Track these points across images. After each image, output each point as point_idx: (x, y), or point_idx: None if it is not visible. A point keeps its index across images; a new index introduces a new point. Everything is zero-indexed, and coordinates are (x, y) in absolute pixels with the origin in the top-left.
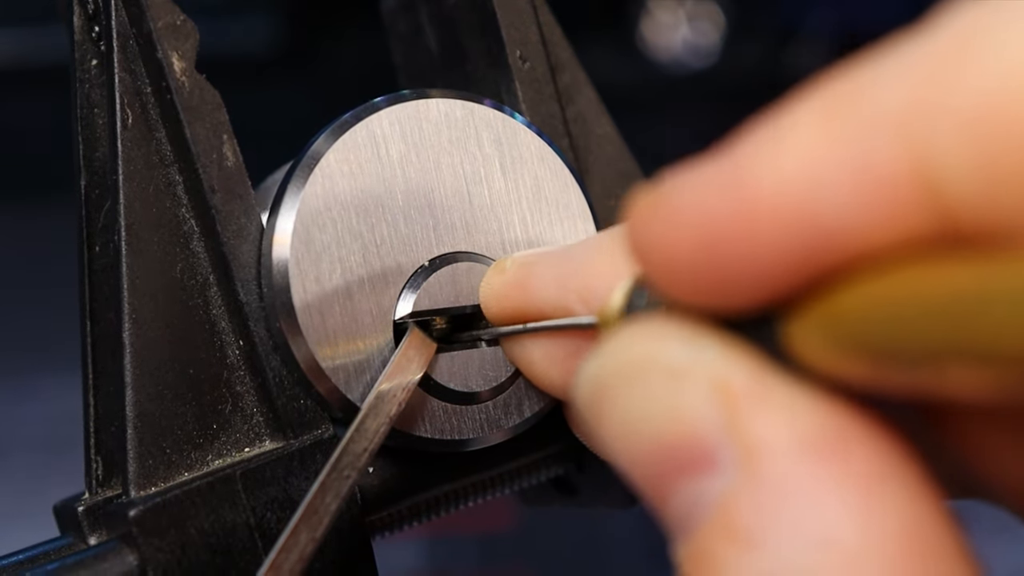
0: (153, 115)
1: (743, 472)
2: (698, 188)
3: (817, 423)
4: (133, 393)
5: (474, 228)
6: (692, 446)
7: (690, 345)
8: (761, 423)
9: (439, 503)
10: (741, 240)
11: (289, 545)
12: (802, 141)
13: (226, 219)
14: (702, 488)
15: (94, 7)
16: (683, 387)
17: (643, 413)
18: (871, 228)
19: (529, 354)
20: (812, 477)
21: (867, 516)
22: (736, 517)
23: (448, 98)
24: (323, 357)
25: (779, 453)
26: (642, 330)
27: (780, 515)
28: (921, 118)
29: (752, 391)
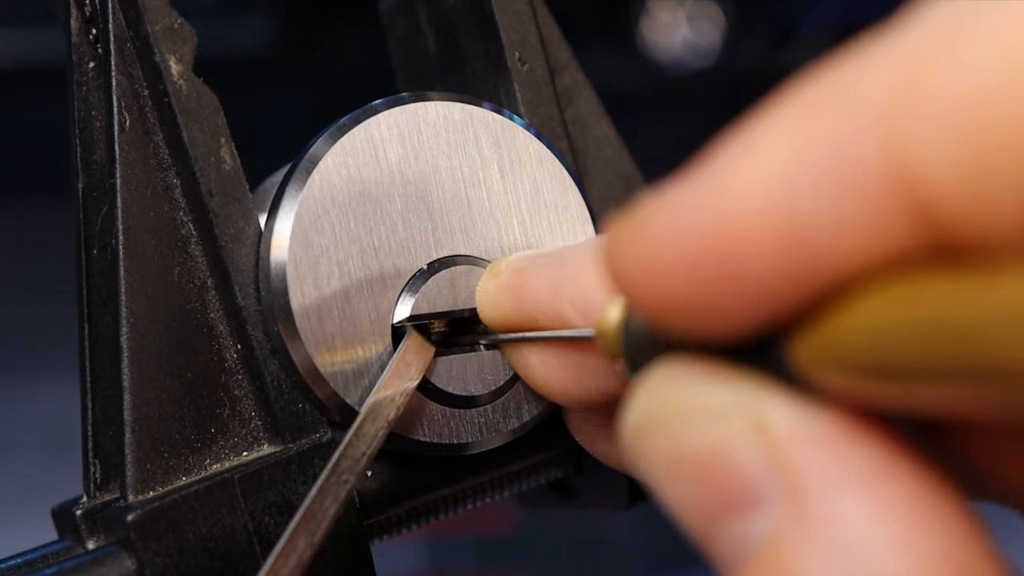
0: (151, 118)
1: (788, 509)
2: (674, 209)
3: (854, 453)
4: (131, 397)
5: (473, 231)
6: (737, 484)
7: (727, 384)
8: (804, 459)
9: (438, 506)
10: (722, 261)
11: (287, 550)
12: (776, 146)
13: (224, 222)
14: (748, 527)
15: (91, 10)
16: (724, 426)
17: (686, 454)
18: (855, 234)
19: (527, 360)
20: (855, 510)
21: (911, 549)
22: (783, 554)
23: (447, 101)
24: (321, 361)
25: (821, 487)
26: (677, 370)
27: (826, 550)
28: (898, 116)
29: (792, 427)
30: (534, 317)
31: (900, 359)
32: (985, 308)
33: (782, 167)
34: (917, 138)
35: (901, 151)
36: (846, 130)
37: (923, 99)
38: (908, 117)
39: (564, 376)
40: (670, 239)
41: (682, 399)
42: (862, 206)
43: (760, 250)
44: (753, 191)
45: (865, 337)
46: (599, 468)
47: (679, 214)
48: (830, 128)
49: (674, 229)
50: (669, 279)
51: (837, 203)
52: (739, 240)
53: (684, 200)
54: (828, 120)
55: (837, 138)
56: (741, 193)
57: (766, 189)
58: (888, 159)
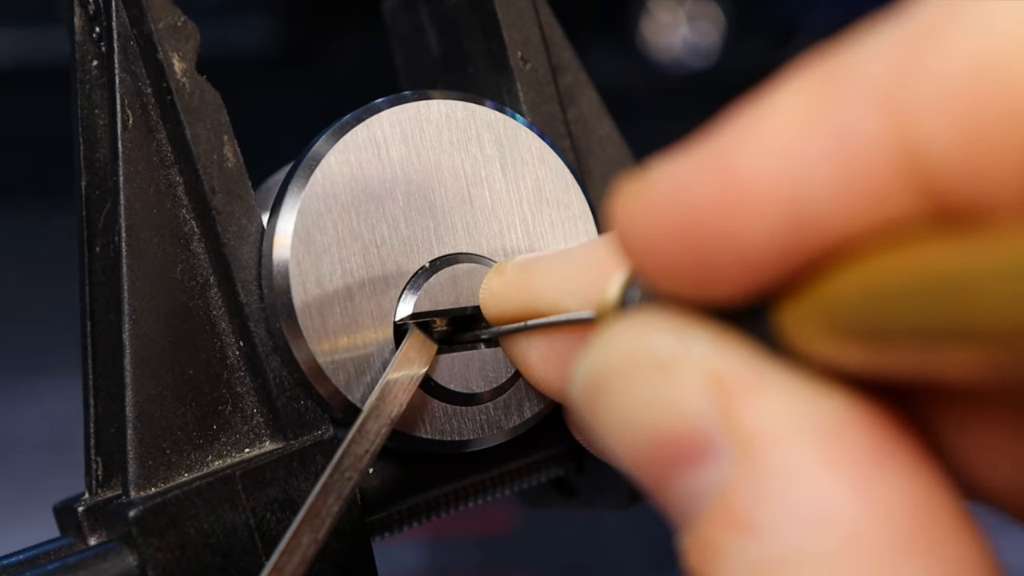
0: (154, 116)
1: (740, 460)
2: (680, 174)
3: (812, 408)
4: (133, 394)
5: (475, 229)
6: (687, 437)
7: (680, 336)
8: (755, 410)
9: (439, 504)
10: (724, 225)
11: (291, 547)
12: (783, 122)
13: (227, 220)
14: (701, 479)
15: (95, 8)
16: (675, 379)
17: (637, 407)
18: (856, 207)
19: (527, 355)
20: (809, 460)
21: (867, 494)
22: (735, 505)
23: (449, 99)
24: (323, 358)
25: (774, 439)
26: (632, 324)
27: (779, 499)
28: (900, 91)
29: (744, 379)
30: (540, 313)
31: (886, 318)
32: (973, 264)
33: (787, 139)
34: (918, 111)
35: (903, 123)
36: (850, 104)
37: (923, 74)
38: (909, 91)
39: (564, 370)
40: (676, 201)
41: (634, 351)
42: (865, 178)
43: (761, 218)
44: (758, 160)
45: (853, 297)
46: (600, 466)
47: (686, 179)
48: (834, 102)
49: (680, 192)
50: (672, 239)
51: (840, 174)
52: (742, 206)
53: (691, 166)
54: (833, 95)
55: (841, 112)
56: (747, 162)
57: (771, 159)
58: (891, 131)
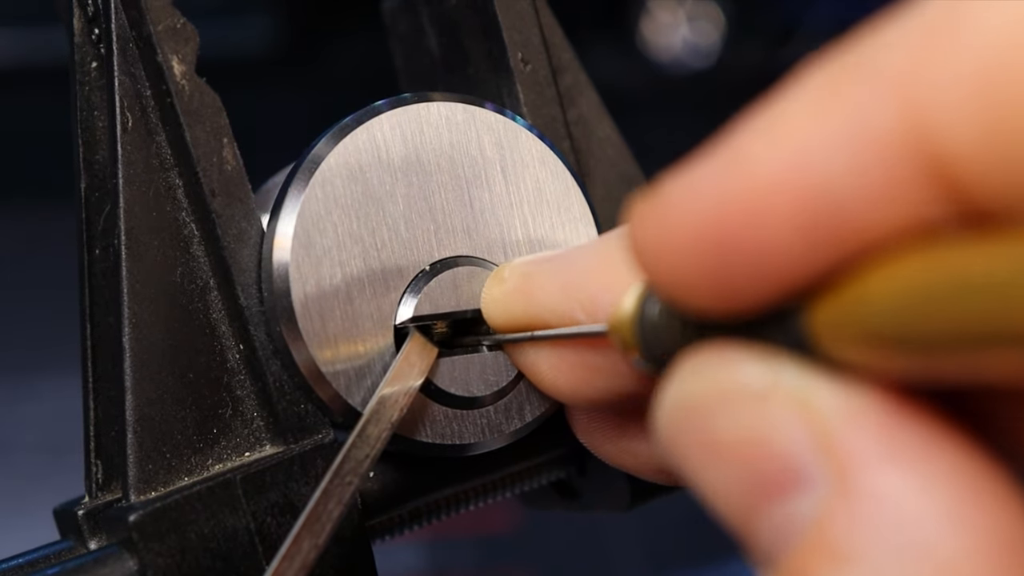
0: (153, 118)
1: (836, 488)
2: (696, 184)
3: (900, 430)
4: (133, 397)
5: (475, 232)
6: (782, 466)
7: (769, 365)
8: (850, 437)
9: (440, 507)
10: (746, 229)
11: (292, 552)
12: (798, 120)
13: (226, 223)
14: (794, 509)
15: (94, 10)
16: (768, 408)
17: (728, 438)
18: (877, 203)
19: (535, 362)
20: (904, 487)
21: (961, 524)
22: (832, 533)
23: (449, 101)
24: (323, 362)
25: (870, 466)
26: (714, 353)
27: (876, 527)
28: (917, 82)
29: (835, 406)
30: (544, 320)
31: (923, 325)
32: (1010, 267)
33: (804, 139)
34: (936, 105)
35: (921, 119)
36: (866, 101)
37: (940, 68)
38: (927, 85)
39: (573, 376)
40: (693, 213)
41: (720, 382)
42: (884, 174)
43: (782, 221)
44: (776, 163)
45: (886, 305)
46: (601, 469)
47: (702, 188)
48: (850, 100)
49: (697, 203)
50: (692, 253)
51: (859, 172)
52: (762, 211)
53: (707, 175)
54: (848, 92)
55: (858, 109)
56: (764, 165)
57: (789, 160)
58: (909, 127)
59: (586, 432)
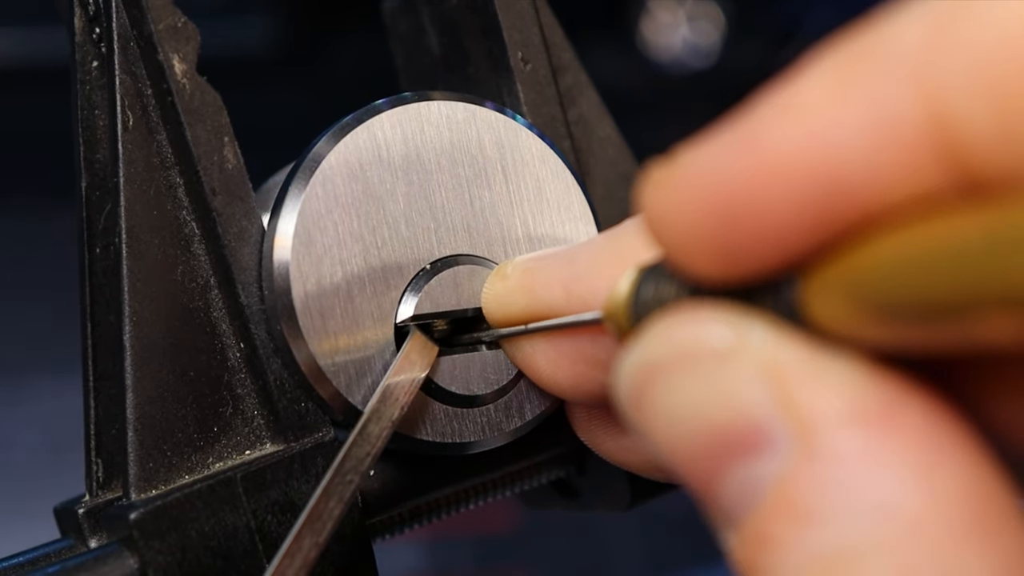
0: (154, 117)
1: (799, 449)
2: (712, 155)
3: (868, 393)
4: (134, 396)
5: (475, 231)
6: (746, 428)
7: (735, 326)
8: (814, 398)
9: (440, 506)
10: (758, 202)
11: (293, 550)
12: (815, 98)
13: (227, 221)
14: (756, 470)
15: (95, 9)
16: (733, 369)
17: (693, 399)
18: (888, 179)
19: (532, 356)
20: (869, 447)
21: (926, 481)
22: (795, 494)
23: (450, 100)
24: (324, 360)
25: (834, 427)
26: (682, 316)
27: (840, 488)
28: (932, 63)
29: (801, 367)
30: (545, 317)
31: (913, 290)
32: (1006, 230)
33: (820, 118)
34: (951, 85)
35: (936, 98)
36: (883, 80)
37: (955, 47)
38: (942, 65)
39: (572, 371)
40: (706, 181)
41: (684, 344)
42: (899, 156)
43: (792, 196)
44: (792, 140)
45: (880, 270)
46: (601, 468)
47: (717, 159)
48: (867, 82)
49: (711, 173)
50: (701, 219)
51: (874, 153)
52: (774, 185)
53: (723, 147)
54: (865, 75)
55: (874, 91)
56: (780, 142)
57: (805, 138)
58: (925, 111)
59: (586, 429)
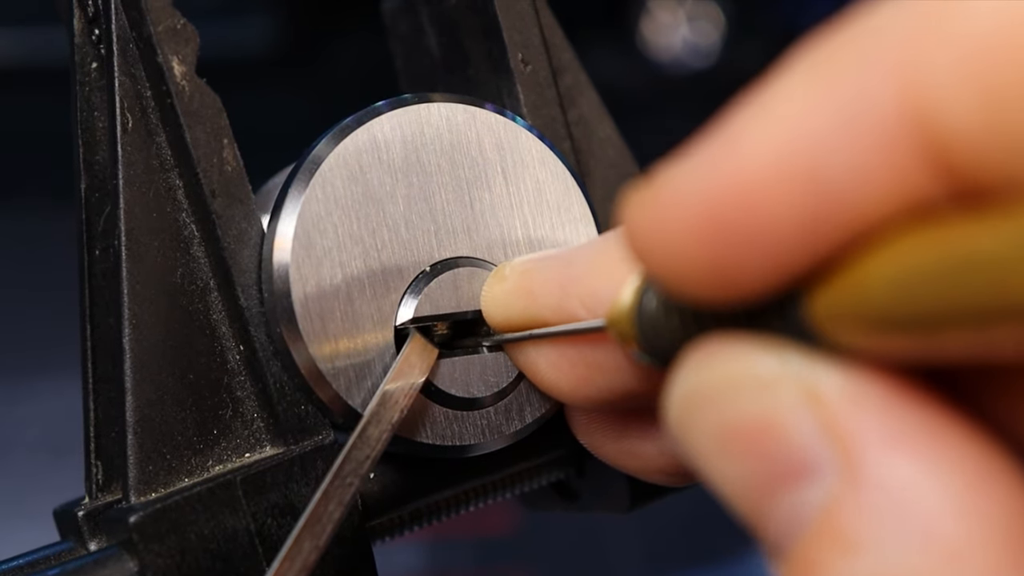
0: (153, 119)
1: (843, 476)
2: (691, 171)
3: (905, 416)
4: (133, 398)
5: (475, 233)
6: (791, 455)
7: (775, 354)
8: (855, 424)
9: (440, 508)
10: (743, 217)
11: (293, 554)
12: (794, 102)
13: (227, 224)
14: (802, 497)
15: (94, 10)
16: (775, 397)
17: (737, 427)
18: (874, 182)
19: (535, 361)
20: (911, 474)
21: (968, 509)
22: (840, 522)
23: (449, 102)
24: (324, 363)
25: (875, 452)
26: (721, 344)
27: (883, 514)
28: (914, 59)
29: (840, 393)
30: (544, 319)
31: (923, 304)
32: (1009, 242)
33: (800, 121)
34: (934, 83)
35: (919, 96)
36: (863, 78)
37: (938, 45)
38: (925, 63)
39: (573, 375)
40: (689, 200)
41: (730, 372)
42: (881, 153)
43: (780, 205)
44: (772, 146)
45: (885, 287)
46: (600, 470)
47: (698, 174)
48: (846, 77)
49: (693, 190)
50: (689, 241)
51: (857, 154)
52: (759, 195)
53: (702, 161)
54: (844, 70)
55: (854, 86)
56: (759, 149)
57: (785, 143)
58: (906, 105)
59: (586, 433)
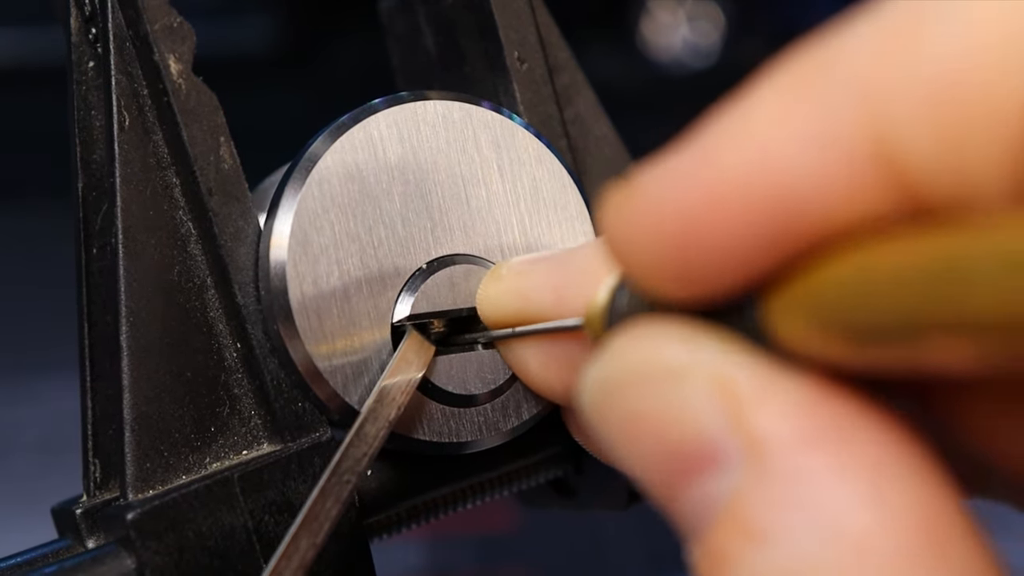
0: (150, 117)
1: (750, 468)
2: (666, 177)
3: (819, 412)
4: (131, 396)
5: (472, 230)
6: (698, 445)
7: (688, 344)
8: (764, 417)
9: (437, 505)
10: (712, 225)
11: (290, 551)
12: (764, 119)
13: (223, 221)
14: (711, 487)
15: (91, 9)
16: (684, 386)
17: (646, 416)
18: (835, 199)
19: (525, 360)
20: (819, 468)
21: (877, 503)
22: (746, 513)
23: (446, 100)
24: (321, 360)
25: (785, 446)
26: (639, 332)
27: (790, 508)
28: (877, 84)
29: (753, 385)
30: (538, 319)
31: (863, 315)
32: (960, 256)
33: (768, 138)
34: (894, 106)
35: (879, 117)
36: (828, 102)
37: (900, 67)
38: (885, 84)
39: (562, 374)
40: (665, 203)
41: (642, 360)
42: (844, 174)
43: (744, 216)
44: (741, 160)
45: (832, 295)
46: (598, 467)
47: (671, 182)
48: (813, 100)
49: (666, 195)
50: (659, 243)
51: (820, 170)
52: (725, 206)
53: (675, 169)
54: (812, 92)
55: (820, 109)
56: (729, 162)
57: (753, 158)
58: (868, 128)
59: (580, 430)
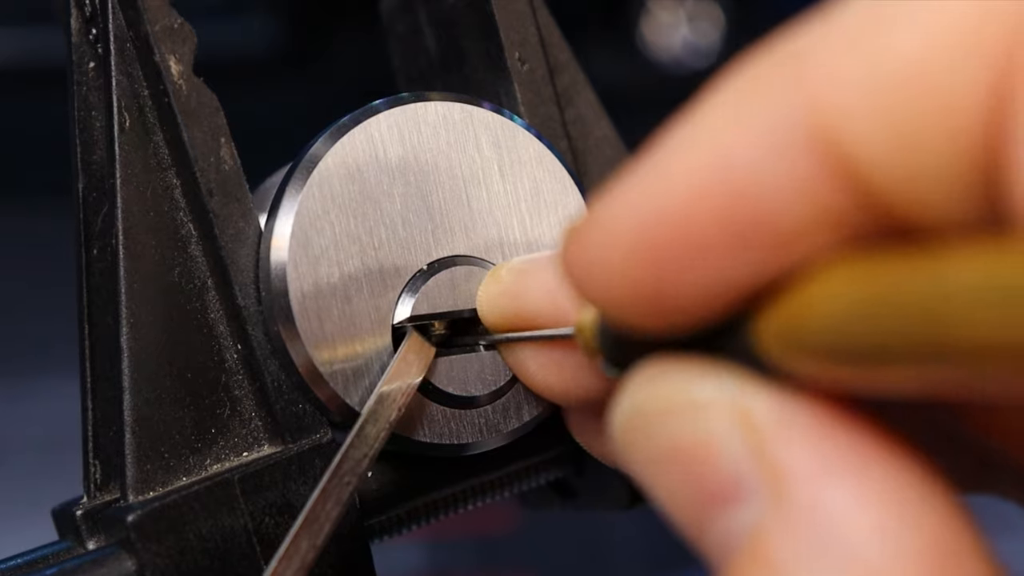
0: (151, 118)
1: (772, 500)
2: (621, 201)
3: (833, 441)
4: (131, 397)
5: (473, 231)
6: (723, 477)
7: (711, 378)
8: (784, 450)
9: (438, 507)
10: (674, 240)
11: (290, 553)
12: (716, 126)
13: (224, 222)
14: (734, 520)
15: (91, 10)
16: (708, 421)
17: (673, 450)
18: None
19: (525, 362)
20: (837, 500)
21: (892, 532)
22: (767, 546)
23: (447, 101)
24: (321, 361)
25: (803, 478)
26: (665, 366)
27: (809, 541)
28: (830, 84)
29: (771, 417)
30: (535, 321)
31: (857, 341)
32: (935, 287)
33: (722, 144)
34: (845, 103)
35: (828, 114)
36: (777, 103)
37: (853, 68)
38: (838, 84)
39: (562, 376)
40: (621, 230)
41: (668, 394)
42: (794, 173)
43: (708, 228)
44: (696, 169)
45: (824, 320)
46: (599, 469)
47: (627, 204)
48: (763, 102)
49: (624, 219)
50: (625, 272)
51: (774, 172)
52: (687, 220)
53: (630, 190)
54: (762, 95)
55: (770, 111)
56: (684, 173)
57: (707, 163)
58: (814, 127)
59: (582, 432)
